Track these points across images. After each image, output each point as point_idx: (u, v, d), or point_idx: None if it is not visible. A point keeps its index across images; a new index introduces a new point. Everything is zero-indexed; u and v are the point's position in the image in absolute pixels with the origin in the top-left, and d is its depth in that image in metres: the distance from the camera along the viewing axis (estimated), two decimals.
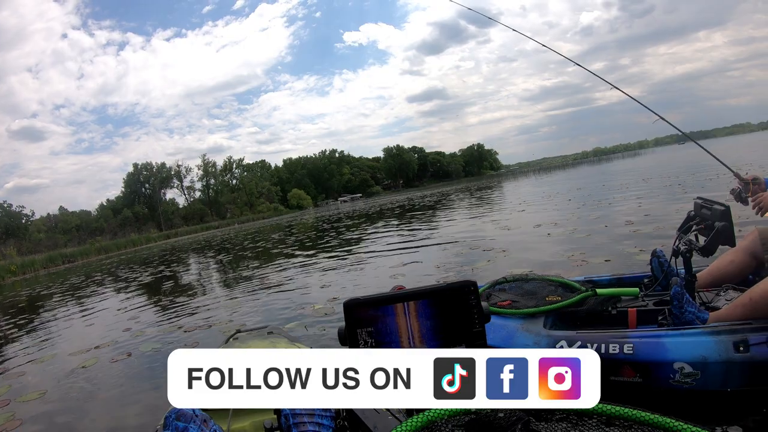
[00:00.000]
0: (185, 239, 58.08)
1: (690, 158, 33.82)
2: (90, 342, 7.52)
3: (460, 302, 1.35)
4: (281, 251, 17.85)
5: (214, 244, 32.03)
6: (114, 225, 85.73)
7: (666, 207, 11.23)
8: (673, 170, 25.26)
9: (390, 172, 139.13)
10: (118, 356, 6.39)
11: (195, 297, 10.46)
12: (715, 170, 17.91)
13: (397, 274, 8.61)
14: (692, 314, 2.90)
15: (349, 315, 1.33)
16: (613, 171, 41.45)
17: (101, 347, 7.01)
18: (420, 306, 1.33)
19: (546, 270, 6.85)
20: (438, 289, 1.35)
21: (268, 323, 3.93)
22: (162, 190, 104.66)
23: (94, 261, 44.41)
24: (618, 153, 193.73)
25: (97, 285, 18.20)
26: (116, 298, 13.18)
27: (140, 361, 6.09)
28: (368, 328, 1.33)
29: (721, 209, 3.26)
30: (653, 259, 3.71)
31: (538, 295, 3.43)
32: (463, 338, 1.35)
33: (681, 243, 3.47)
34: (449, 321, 1.35)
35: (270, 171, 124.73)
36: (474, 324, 1.36)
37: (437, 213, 23.10)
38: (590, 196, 18.28)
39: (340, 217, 36.47)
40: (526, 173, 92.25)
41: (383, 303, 1.33)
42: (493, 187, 44.84)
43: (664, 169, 27.69)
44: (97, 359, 6.42)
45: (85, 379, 5.66)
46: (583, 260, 7.10)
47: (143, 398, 4.72)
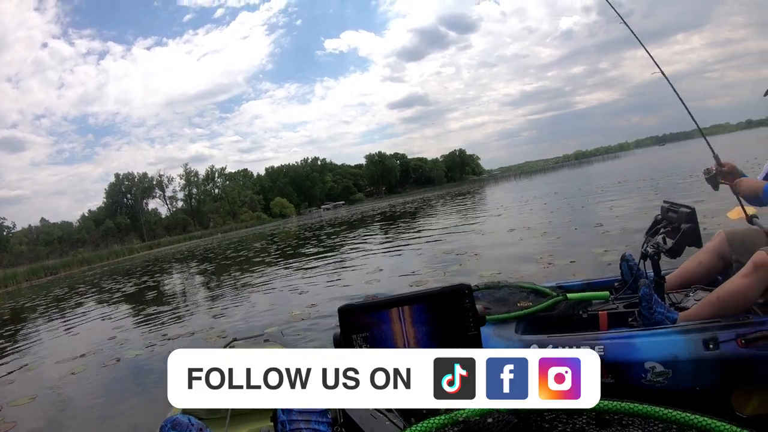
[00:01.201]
0: (168, 249, 57.84)
1: (667, 160, 34.47)
2: (76, 350, 7.72)
3: (455, 305, 1.35)
4: (263, 260, 18.11)
5: (197, 254, 32.11)
6: (96, 236, 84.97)
7: (636, 210, 11.63)
8: (649, 173, 25.80)
9: (372, 178, 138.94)
10: (108, 361, 6.63)
11: (178, 306, 10.70)
12: (688, 172, 18.39)
13: (372, 279, 8.91)
14: (661, 314, 2.94)
15: (344, 320, 1.34)
16: (591, 174, 42.03)
17: (87, 355, 7.23)
18: (415, 310, 1.33)
19: (514, 271, 7.23)
20: (432, 293, 1.36)
21: (264, 331, 4.11)
22: (144, 201, 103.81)
23: (76, 273, 44.19)
24: (599, 156, 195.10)
25: (80, 296, 18.28)
26: (100, 309, 13.32)
27: (127, 366, 6.31)
28: (363, 333, 1.33)
29: (686, 211, 3.33)
30: (622, 263, 3.74)
31: (509, 302, 3.44)
32: (458, 341, 1.34)
33: (649, 246, 3.47)
34: (444, 325, 1.35)
35: (252, 180, 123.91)
36: (469, 327, 1.36)
37: (416, 219, 23.46)
38: (565, 200, 18.75)
39: (323, 225, 36.66)
40: (508, 177, 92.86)
41: (378, 308, 1.34)
42: (474, 192, 45.17)
43: (641, 172, 28.25)
44: (85, 366, 6.63)
45: (74, 385, 5.90)
46: (549, 262, 7.44)
47: (130, 403, 4.94)
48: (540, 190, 28.93)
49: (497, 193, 38.32)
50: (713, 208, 7.74)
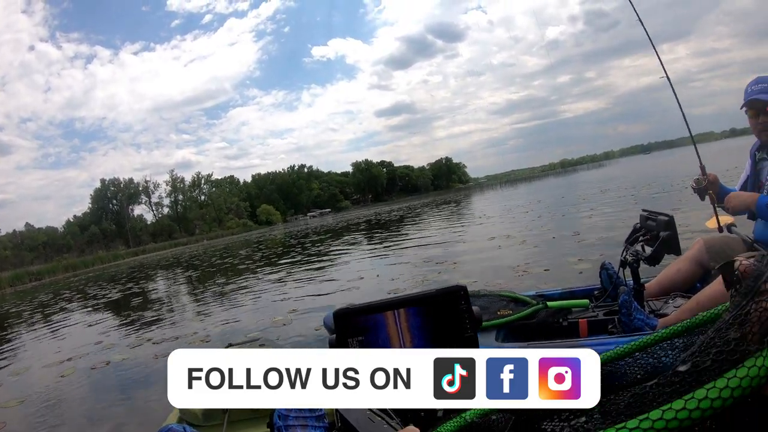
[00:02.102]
0: (153, 256, 57.61)
1: (649, 169, 34.89)
2: (62, 355, 7.89)
3: (451, 307, 1.33)
4: (248, 267, 18.33)
5: (182, 261, 32.19)
6: (81, 242, 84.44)
7: (614, 219, 11.91)
8: (630, 181, 26.21)
9: (359, 186, 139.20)
10: (97, 364, 6.81)
11: (163, 312, 10.88)
12: (669, 182, 18.71)
13: (352, 287, 9.17)
14: (641, 321, 2.95)
15: (340, 324, 1.33)
16: (575, 183, 42.47)
17: (73, 359, 7.40)
18: (410, 313, 1.32)
19: (490, 280, 7.48)
20: (428, 295, 1.34)
21: (247, 335, 4.17)
22: (130, 207, 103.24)
23: (61, 279, 44.07)
24: (584, 164, 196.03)
25: (66, 302, 18.34)
26: (86, 314, 13.46)
27: (115, 369, 6.48)
28: (359, 337, 1.32)
29: (665, 219, 3.35)
30: (602, 271, 3.77)
31: (489, 310, 3.43)
32: (454, 344, 1.33)
33: (628, 254, 3.51)
34: (440, 327, 1.33)
35: (239, 186, 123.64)
36: (465, 329, 1.34)
37: (400, 228, 23.74)
38: (547, 209, 19.07)
39: (308, 232, 36.85)
40: (494, 186, 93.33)
41: (373, 311, 1.33)
42: (459, 200, 45.46)
43: (623, 181, 28.68)
44: (74, 369, 6.80)
45: (63, 388, 6.06)
46: (525, 270, 7.70)
47: (120, 404, 5.14)
48: (524, 199, 29.25)
49: (482, 201, 38.68)
50: (691, 216, 8.01)
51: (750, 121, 3.11)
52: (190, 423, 2.40)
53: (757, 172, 3.24)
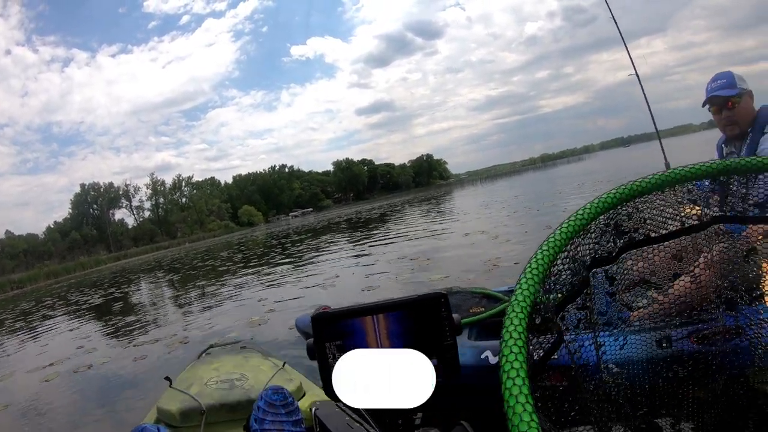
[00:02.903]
0: (135, 260, 57.36)
1: (627, 162, 35.36)
2: (45, 360, 8.04)
3: (431, 314, 1.31)
4: (228, 269, 18.51)
5: (164, 265, 32.23)
6: (62, 248, 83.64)
7: None
8: (607, 175, 26.61)
9: (340, 185, 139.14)
10: (80, 368, 6.97)
11: (144, 315, 11.09)
12: (645, 173, 19.01)
13: (328, 285, 9.44)
14: (614, 315, 2.87)
15: (318, 328, 1.31)
16: (555, 177, 42.85)
17: (55, 364, 7.56)
18: (390, 318, 1.30)
19: (461, 275, 7.73)
20: (408, 301, 1.32)
21: (240, 338, 4.19)
22: (110, 211, 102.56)
23: (43, 286, 43.74)
24: (565, 158, 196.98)
25: (48, 309, 18.40)
26: (67, 320, 13.54)
27: (98, 373, 6.66)
28: (337, 341, 1.30)
29: None
30: None
31: (462, 308, 3.41)
32: (433, 351, 1.30)
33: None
34: (420, 333, 1.31)
35: (220, 188, 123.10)
36: (445, 337, 1.32)
37: (379, 226, 23.95)
38: (523, 204, 19.45)
39: (289, 233, 37.00)
40: (474, 182, 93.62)
41: (352, 316, 1.31)
42: (440, 197, 45.73)
43: (601, 174, 29.10)
44: (57, 374, 6.96)
45: (45, 391, 6.23)
46: (495, 264, 7.98)
47: (103, 407, 5.29)
48: (502, 195, 29.63)
49: (461, 197, 39.06)
50: None
51: (714, 117, 3.21)
52: (167, 423, 2.41)
53: None
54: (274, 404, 1.91)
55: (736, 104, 2.99)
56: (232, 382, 2.64)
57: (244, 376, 2.71)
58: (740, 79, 3.03)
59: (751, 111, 3.02)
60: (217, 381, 2.67)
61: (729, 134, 3.16)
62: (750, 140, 3.01)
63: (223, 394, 2.51)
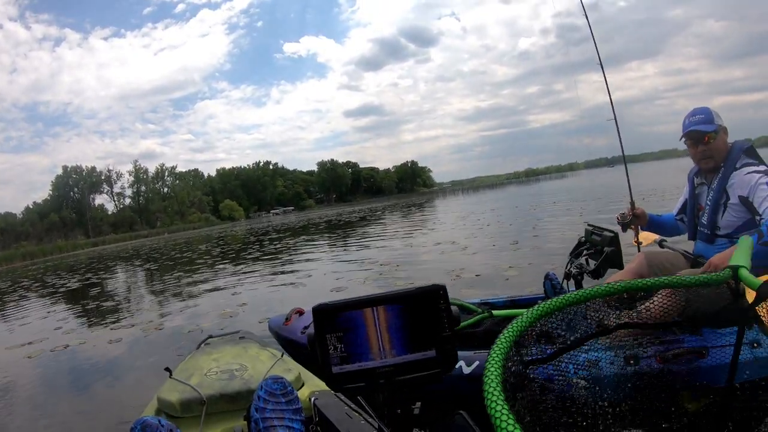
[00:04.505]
0: (113, 247, 57.21)
1: (606, 182, 35.92)
2: (24, 338, 8.34)
3: (430, 306, 1.32)
4: (205, 261, 18.87)
5: (142, 254, 32.35)
6: (40, 230, 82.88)
7: (555, 230, 12.84)
8: (584, 194, 27.37)
9: (323, 186, 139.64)
10: (56, 347, 7.28)
11: (120, 301, 11.46)
12: (621, 196, 19.53)
13: (299, 284, 9.88)
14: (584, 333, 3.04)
15: (319, 320, 1.31)
16: (534, 192, 43.60)
17: (34, 343, 7.85)
18: (389, 310, 1.31)
19: (426, 279, 8.07)
20: (407, 294, 1.33)
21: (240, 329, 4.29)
22: (91, 195, 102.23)
23: (19, 267, 43.70)
24: (549, 174, 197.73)
25: (25, 290, 18.59)
26: (45, 302, 13.84)
27: (72, 354, 6.95)
28: (338, 333, 1.31)
29: (610, 236, 3.50)
30: (546, 281, 3.83)
31: None
32: (432, 343, 1.32)
33: (573, 266, 3.62)
34: (419, 325, 1.32)
35: (203, 180, 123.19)
36: (443, 328, 1.32)
37: (357, 229, 24.33)
38: (497, 218, 19.96)
39: (269, 230, 37.35)
40: (456, 192, 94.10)
41: (352, 308, 1.31)
42: (420, 204, 46.12)
43: (578, 193, 29.78)
44: (41, 350, 7.25)
45: (27, 366, 6.56)
46: (458, 275, 8.35)
47: (84, 383, 5.63)
48: (481, 206, 30.19)
49: (441, 206, 39.57)
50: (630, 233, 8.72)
51: (690, 150, 3.26)
52: (168, 414, 2.41)
53: (696, 196, 3.39)
54: (274, 393, 1.92)
55: (713, 139, 3.08)
56: (231, 373, 2.66)
57: (243, 367, 2.74)
58: (717, 115, 3.12)
59: (726, 146, 3.12)
60: (217, 371, 2.69)
61: (704, 167, 3.23)
62: (722, 174, 3.09)
63: (223, 384, 2.53)
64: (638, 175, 42.01)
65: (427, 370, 1.30)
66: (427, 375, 1.30)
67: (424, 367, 1.30)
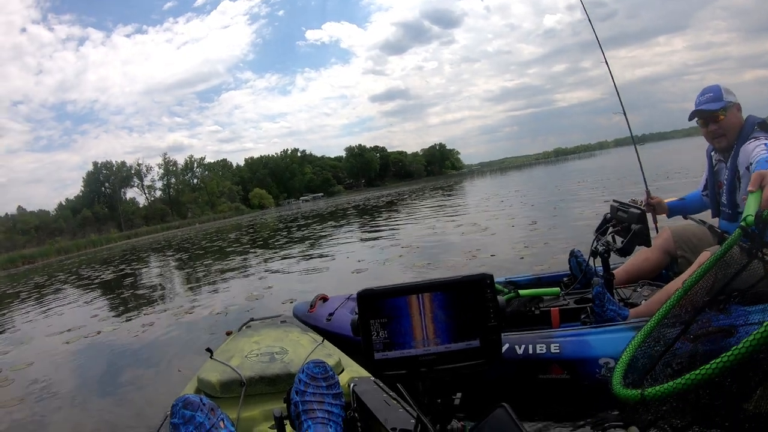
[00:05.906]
0: (146, 239, 57.88)
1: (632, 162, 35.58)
2: (62, 326, 8.68)
3: (476, 295, 1.29)
4: (234, 249, 19.23)
5: (173, 244, 32.84)
6: (73, 225, 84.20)
7: (576, 210, 12.86)
8: (611, 173, 27.13)
9: (352, 171, 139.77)
10: (91, 333, 7.64)
11: (153, 290, 11.80)
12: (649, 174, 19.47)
13: (323, 268, 10.07)
14: (613, 312, 3.02)
15: (363, 305, 1.30)
16: (561, 172, 43.30)
17: (73, 330, 8.19)
18: (434, 298, 1.29)
19: (441, 262, 8.34)
20: (454, 282, 1.30)
21: (281, 313, 4.48)
22: (122, 190, 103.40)
23: (54, 262, 44.44)
24: (578, 153, 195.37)
25: (61, 283, 19.03)
26: (81, 293, 14.22)
27: (108, 338, 7.29)
28: (382, 319, 1.29)
29: (637, 213, 3.41)
30: (571, 258, 3.88)
31: None
32: (477, 332, 1.29)
33: (599, 244, 3.56)
34: (464, 314, 1.29)
35: (231, 170, 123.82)
36: (489, 318, 1.29)
37: (383, 213, 24.51)
38: (522, 199, 20.04)
39: (297, 217, 37.68)
40: (484, 174, 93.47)
41: (397, 294, 1.30)
42: (448, 187, 46.03)
43: (605, 172, 29.46)
44: (78, 337, 7.58)
45: (66, 352, 6.86)
46: (474, 255, 8.49)
47: (121, 365, 5.86)
48: (506, 188, 30.03)
49: (468, 189, 39.63)
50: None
51: (701, 129, 3.24)
52: (208, 393, 2.43)
53: (715, 173, 3.36)
54: (315, 377, 1.90)
55: (722, 117, 3.04)
56: (272, 356, 2.67)
57: (284, 350, 2.75)
58: (727, 92, 3.07)
59: (739, 123, 3.06)
60: (258, 354, 2.71)
61: (717, 147, 3.22)
62: (734, 152, 3.05)
63: (263, 366, 2.55)
64: (666, 153, 41.61)
65: (471, 360, 1.27)
66: (470, 365, 1.28)
67: (468, 357, 1.27)
